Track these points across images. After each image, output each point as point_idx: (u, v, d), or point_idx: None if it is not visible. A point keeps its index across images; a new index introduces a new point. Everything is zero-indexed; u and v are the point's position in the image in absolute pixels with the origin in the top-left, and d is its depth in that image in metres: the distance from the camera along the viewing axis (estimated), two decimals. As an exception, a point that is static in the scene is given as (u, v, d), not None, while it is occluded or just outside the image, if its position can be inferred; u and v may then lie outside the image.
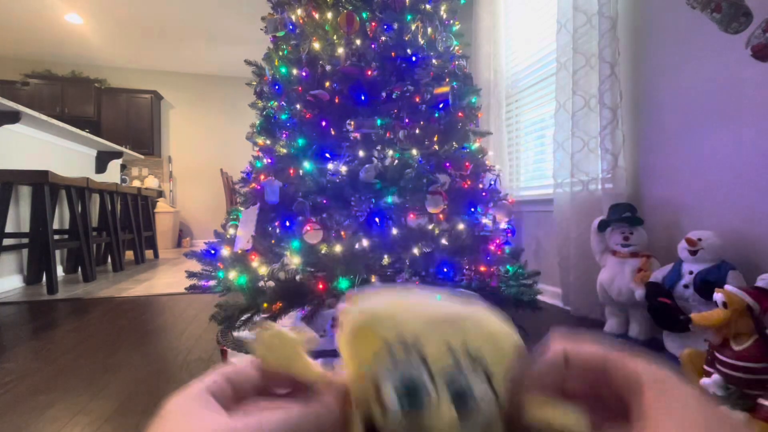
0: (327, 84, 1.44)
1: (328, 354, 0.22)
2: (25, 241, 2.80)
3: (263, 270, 1.35)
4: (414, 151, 1.37)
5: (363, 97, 1.42)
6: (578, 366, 0.20)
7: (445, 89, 1.45)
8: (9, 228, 2.69)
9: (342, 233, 1.32)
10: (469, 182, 1.49)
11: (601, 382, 0.19)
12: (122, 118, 5.62)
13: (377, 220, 1.36)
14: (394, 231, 1.33)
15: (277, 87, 1.53)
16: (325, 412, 0.19)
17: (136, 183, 5.70)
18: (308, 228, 1.27)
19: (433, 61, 1.52)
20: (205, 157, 6.06)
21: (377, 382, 0.19)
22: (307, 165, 1.37)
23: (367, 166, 1.32)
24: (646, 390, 0.18)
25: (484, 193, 1.52)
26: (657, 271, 1.48)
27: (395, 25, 1.46)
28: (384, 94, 1.46)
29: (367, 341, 0.20)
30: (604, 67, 1.76)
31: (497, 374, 0.19)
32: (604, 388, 0.19)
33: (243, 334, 1.55)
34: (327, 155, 1.41)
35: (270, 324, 0.21)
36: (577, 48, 1.90)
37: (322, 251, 1.30)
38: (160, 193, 5.59)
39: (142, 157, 5.17)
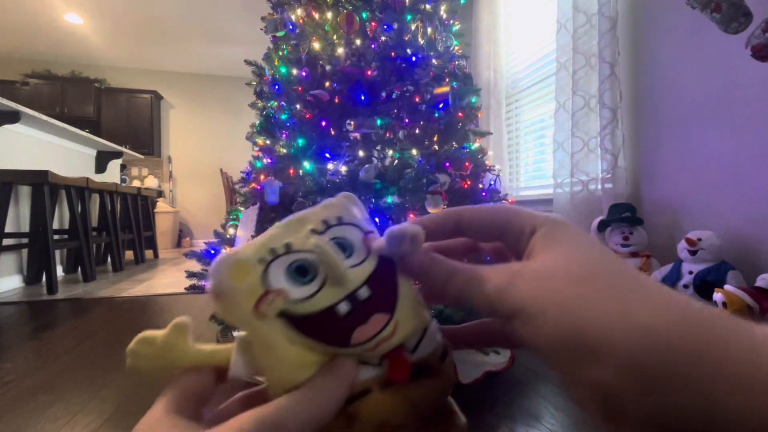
0: (327, 84, 1.44)
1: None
2: (25, 241, 2.80)
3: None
4: (414, 151, 1.38)
5: (363, 97, 1.42)
6: (472, 223, 0.20)
7: (445, 89, 1.45)
8: (9, 228, 2.69)
9: (342, 233, 1.32)
10: (469, 182, 1.49)
11: (496, 237, 0.20)
12: (122, 118, 5.62)
13: (377, 220, 1.36)
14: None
15: (277, 87, 1.53)
16: (329, 390, 0.18)
17: (136, 183, 5.70)
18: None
19: (433, 61, 1.52)
20: (205, 157, 6.06)
21: (268, 288, 0.18)
22: (307, 165, 1.37)
23: (367, 166, 1.32)
24: (538, 230, 0.18)
25: (484, 193, 1.52)
26: (657, 271, 1.48)
27: (395, 25, 1.46)
28: (384, 94, 1.46)
29: (239, 272, 0.19)
30: (604, 67, 1.76)
31: (358, 218, 0.21)
32: (502, 243, 0.20)
33: (243, 333, 1.55)
34: (327, 155, 1.41)
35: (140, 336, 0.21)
36: (577, 48, 1.90)
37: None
38: (160, 193, 5.59)
39: (142, 157, 5.17)
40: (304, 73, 1.46)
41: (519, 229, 0.19)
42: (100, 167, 4.12)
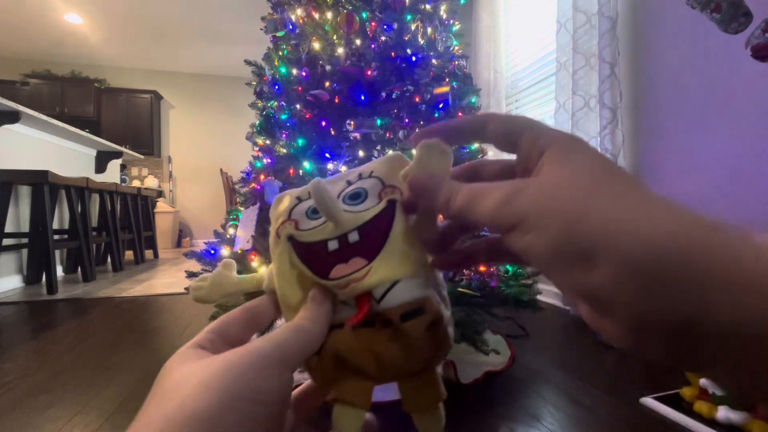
0: (327, 84, 1.44)
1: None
2: (25, 241, 2.80)
3: (263, 270, 1.35)
4: (414, 151, 1.37)
5: (363, 97, 1.42)
6: (495, 129, 0.21)
7: (445, 89, 1.45)
8: (9, 228, 2.69)
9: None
10: (469, 182, 1.49)
11: (511, 146, 0.20)
12: (122, 118, 5.62)
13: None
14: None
15: (276, 87, 1.53)
16: (307, 326, 0.20)
17: (136, 183, 5.70)
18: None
19: (433, 61, 1.52)
20: (205, 157, 6.06)
21: (291, 217, 0.23)
22: (307, 165, 1.37)
23: (367, 166, 1.32)
24: (551, 147, 0.18)
25: (484, 193, 1.52)
26: (657, 271, 1.48)
27: (395, 25, 1.46)
28: (384, 94, 1.46)
29: (280, 203, 0.25)
30: (604, 67, 1.76)
31: (390, 175, 0.24)
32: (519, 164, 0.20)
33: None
34: (327, 155, 1.41)
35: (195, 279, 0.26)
36: (577, 48, 1.90)
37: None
38: (160, 193, 5.59)
39: (142, 157, 5.17)
40: (304, 73, 1.46)
41: (531, 143, 0.19)
42: (100, 167, 4.12)
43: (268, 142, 1.55)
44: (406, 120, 1.45)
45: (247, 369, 0.17)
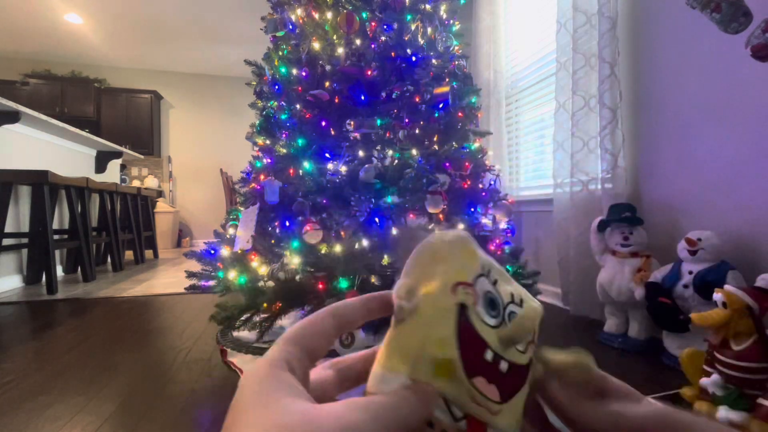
0: (327, 84, 1.44)
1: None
2: (25, 241, 2.80)
3: (263, 270, 1.35)
4: (414, 151, 1.37)
5: (363, 97, 1.42)
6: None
7: (445, 89, 1.45)
8: (9, 228, 2.69)
9: (342, 233, 1.32)
10: (468, 182, 1.49)
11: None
12: (122, 118, 5.62)
13: (377, 220, 1.36)
14: (394, 231, 1.33)
15: (276, 87, 1.53)
16: (409, 404, 0.17)
17: (136, 183, 5.70)
18: (308, 228, 1.26)
19: (433, 61, 1.52)
20: (205, 157, 6.06)
21: (477, 291, 0.20)
22: (307, 165, 1.36)
23: (366, 166, 1.32)
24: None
25: (483, 193, 1.52)
26: (657, 271, 1.48)
27: (395, 25, 1.46)
28: (384, 94, 1.46)
29: (466, 253, 0.21)
30: (603, 67, 1.76)
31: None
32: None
33: (242, 333, 1.55)
34: (327, 155, 1.41)
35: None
36: (577, 48, 1.90)
37: (322, 251, 1.30)
38: (160, 193, 5.59)
39: (142, 157, 5.17)
40: (304, 73, 1.46)
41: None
42: (100, 167, 4.12)
43: (268, 142, 1.55)
44: (406, 120, 1.45)
45: None
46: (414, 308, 0.19)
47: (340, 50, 1.44)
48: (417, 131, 1.46)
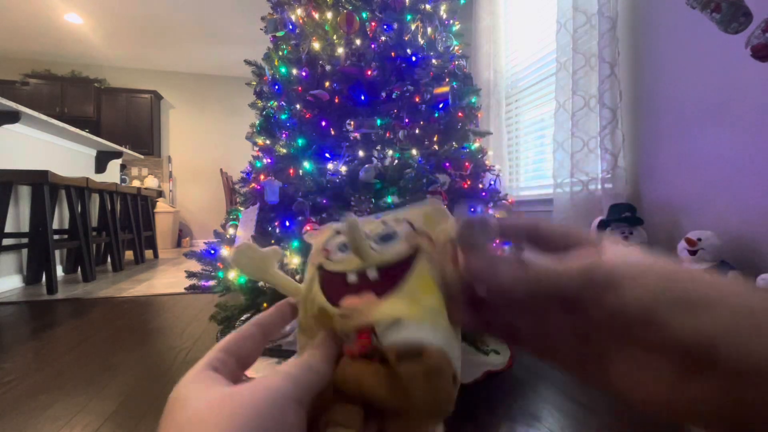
0: (327, 84, 1.44)
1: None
2: (25, 241, 2.80)
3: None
4: (414, 151, 1.37)
5: (363, 97, 1.42)
6: (549, 230, 0.22)
7: (444, 89, 1.45)
8: (9, 228, 2.69)
9: (342, 233, 1.32)
10: (468, 182, 1.49)
11: (566, 246, 0.21)
12: (122, 117, 5.62)
13: (377, 220, 1.36)
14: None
15: (276, 87, 1.53)
16: (320, 366, 0.20)
17: (136, 183, 5.70)
18: (308, 228, 1.26)
19: (433, 61, 1.52)
20: (205, 157, 6.06)
21: (325, 247, 0.25)
22: (307, 165, 1.36)
23: (367, 166, 1.32)
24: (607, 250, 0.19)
25: (483, 193, 1.52)
26: (657, 271, 1.48)
27: (395, 25, 1.46)
28: (384, 94, 1.46)
29: (328, 231, 0.26)
30: (603, 67, 1.76)
31: (424, 224, 0.25)
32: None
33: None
34: (327, 155, 1.41)
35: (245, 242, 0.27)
36: (577, 48, 1.90)
37: (322, 251, 1.29)
38: (160, 193, 5.59)
39: (142, 157, 5.17)
40: (304, 73, 1.46)
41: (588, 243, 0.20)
42: (100, 167, 4.12)
43: (268, 142, 1.55)
44: (406, 120, 1.45)
45: (270, 407, 0.17)
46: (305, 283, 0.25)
47: (340, 50, 1.44)
48: (417, 131, 1.46)
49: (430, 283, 0.22)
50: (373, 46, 1.44)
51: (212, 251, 1.54)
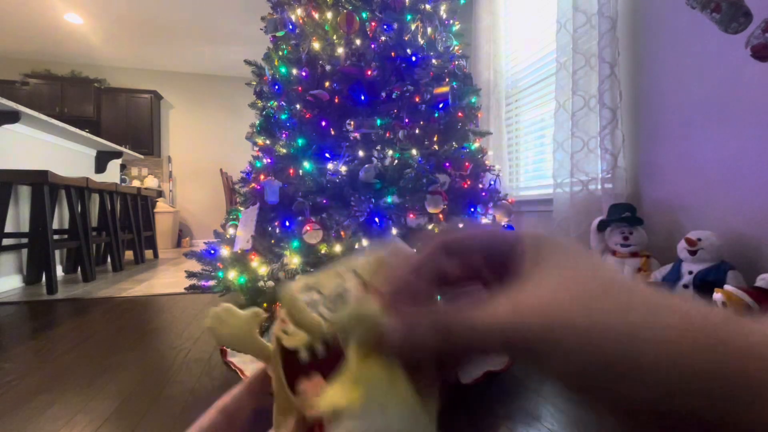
0: (327, 84, 1.44)
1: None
2: (25, 241, 2.80)
3: (263, 270, 1.35)
4: (414, 151, 1.38)
5: (363, 97, 1.42)
6: (459, 251, 0.18)
7: (444, 89, 1.45)
8: (8, 228, 2.69)
9: (342, 233, 1.32)
10: (468, 182, 1.49)
11: (482, 263, 0.18)
12: (122, 118, 5.62)
13: (377, 220, 1.36)
14: (394, 231, 1.33)
15: (276, 87, 1.53)
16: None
17: (136, 183, 5.70)
18: (308, 228, 1.26)
19: (433, 61, 1.52)
20: (205, 157, 6.06)
21: (283, 317, 0.22)
22: (307, 165, 1.36)
23: (366, 166, 1.32)
24: (527, 250, 0.17)
25: (483, 193, 1.52)
26: (656, 271, 1.48)
27: (395, 25, 1.46)
28: (384, 94, 1.46)
29: (291, 289, 0.22)
30: (603, 67, 1.76)
31: (368, 276, 0.21)
32: (487, 269, 0.18)
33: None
34: (327, 155, 1.41)
35: (223, 304, 0.24)
36: (577, 48, 1.90)
37: (322, 251, 1.30)
38: (160, 193, 5.59)
39: (142, 157, 5.16)
40: (304, 73, 1.46)
41: (506, 255, 0.17)
42: (100, 167, 4.12)
43: (268, 142, 1.55)
44: (406, 120, 1.45)
45: None
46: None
47: (340, 50, 1.44)
48: (417, 131, 1.46)
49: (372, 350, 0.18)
50: (373, 46, 1.44)
51: (212, 251, 1.54)
